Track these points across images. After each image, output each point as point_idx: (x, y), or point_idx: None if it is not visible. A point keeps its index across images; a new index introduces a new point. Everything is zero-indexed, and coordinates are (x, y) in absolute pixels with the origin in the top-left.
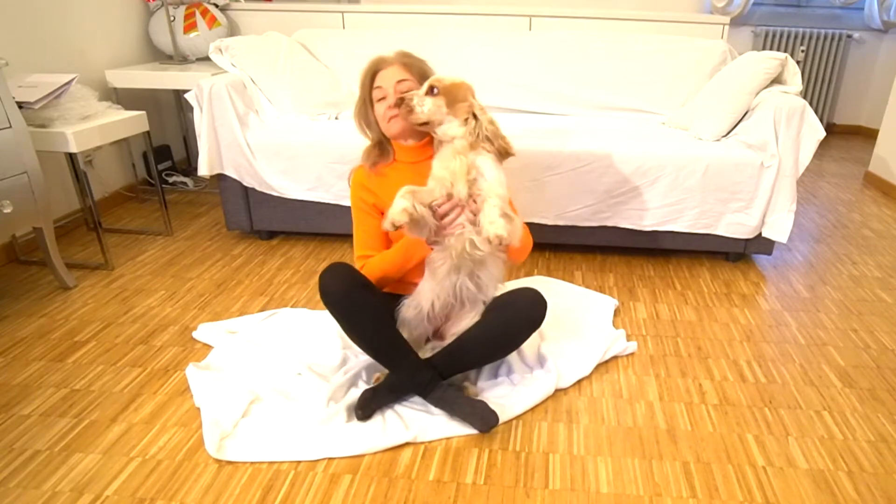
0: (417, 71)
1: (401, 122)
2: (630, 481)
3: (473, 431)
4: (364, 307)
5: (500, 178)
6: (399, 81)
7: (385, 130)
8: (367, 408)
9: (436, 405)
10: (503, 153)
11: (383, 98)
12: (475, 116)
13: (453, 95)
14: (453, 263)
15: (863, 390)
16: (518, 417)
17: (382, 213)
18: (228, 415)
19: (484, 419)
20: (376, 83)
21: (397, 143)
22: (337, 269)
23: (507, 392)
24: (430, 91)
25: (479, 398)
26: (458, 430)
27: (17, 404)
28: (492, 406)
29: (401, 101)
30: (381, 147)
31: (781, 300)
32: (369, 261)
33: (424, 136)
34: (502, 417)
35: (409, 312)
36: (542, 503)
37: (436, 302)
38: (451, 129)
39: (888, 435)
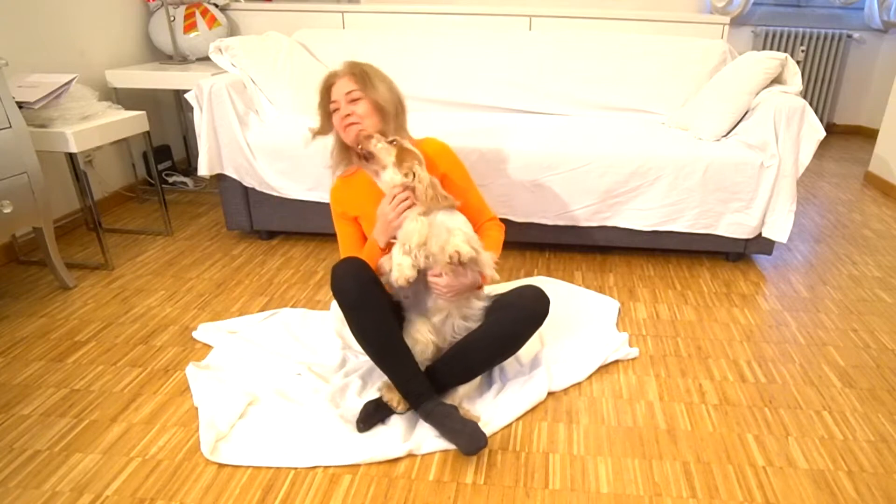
0: (360, 76)
1: (355, 129)
2: (630, 481)
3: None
4: (374, 305)
5: (462, 220)
6: (348, 93)
7: (343, 137)
8: (368, 421)
9: (425, 419)
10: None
11: (337, 109)
12: (414, 174)
13: (403, 155)
14: (447, 309)
15: (863, 390)
16: (517, 418)
17: (355, 219)
18: (225, 416)
19: (472, 441)
20: (332, 97)
21: None
22: (351, 263)
23: (498, 398)
24: (391, 141)
25: (471, 417)
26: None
27: (17, 404)
28: (482, 412)
29: (368, 136)
30: (345, 150)
31: (781, 300)
32: None
33: None
34: (493, 424)
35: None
36: (542, 503)
37: (435, 345)
38: (391, 176)
39: (888, 435)
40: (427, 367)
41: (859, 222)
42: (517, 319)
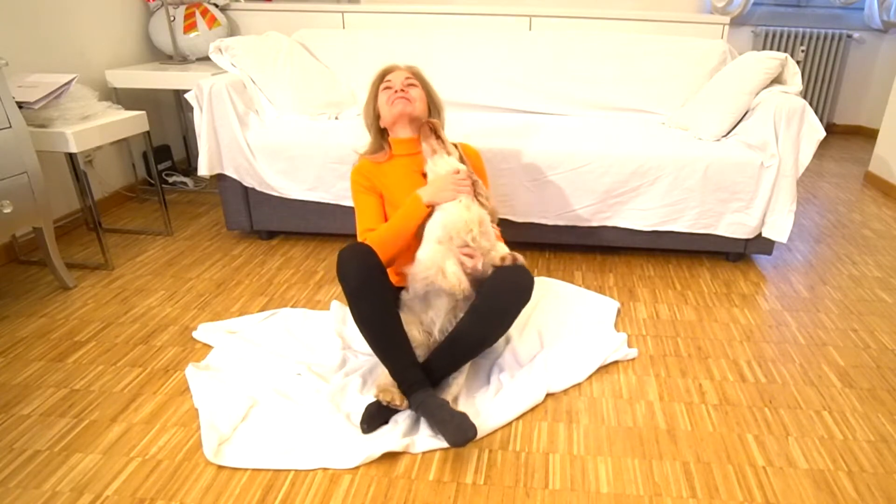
0: (419, 75)
1: (402, 103)
2: (630, 481)
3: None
4: (376, 292)
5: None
6: (406, 78)
7: (386, 115)
8: (372, 421)
9: (416, 409)
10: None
11: (388, 87)
12: (474, 179)
13: (462, 158)
14: (453, 304)
15: (863, 390)
16: (518, 417)
17: (380, 195)
18: (228, 419)
19: (460, 431)
20: (385, 79)
21: (394, 138)
22: (358, 249)
23: (497, 398)
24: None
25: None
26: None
27: (17, 404)
28: (480, 411)
29: (436, 123)
30: (379, 145)
31: (781, 300)
32: (373, 233)
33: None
34: (491, 424)
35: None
36: (542, 503)
37: (425, 343)
38: (454, 162)
39: (888, 435)
40: (423, 361)
41: (859, 222)
42: (504, 293)
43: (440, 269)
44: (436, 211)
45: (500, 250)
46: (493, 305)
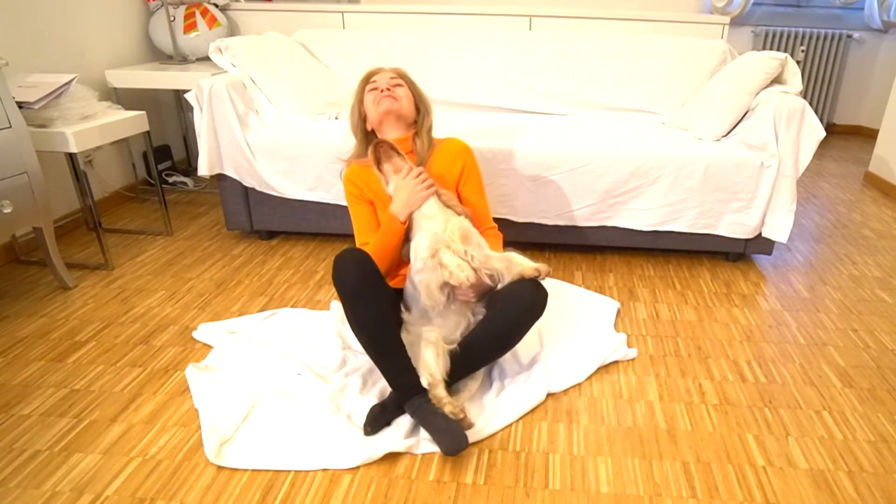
0: (405, 75)
1: (388, 101)
2: (630, 481)
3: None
4: (372, 296)
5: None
6: (392, 78)
7: (372, 116)
8: (375, 424)
9: (412, 414)
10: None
11: (374, 89)
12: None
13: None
14: (466, 316)
15: (863, 390)
16: (517, 419)
17: (371, 202)
18: (229, 419)
19: (454, 440)
20: (371, 81)
21: (382, 140)
22: (354, 254)
23: (498, 399)
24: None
25: (466, 421)
26: None
27: (17, 404)
28: (482, 412)
29: (389, 144)
30: (366, 147)
31: (781, 300)
32: (365, 247)
33: (407, 129)
34: (492, 424)
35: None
36: (542, 503)
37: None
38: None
39: (888, 435)
40: None
41: (859, 222)
42: (517, 310)
43: (438, 262)
44: (414, 235)
45: (529, 263)
46: (507, 318)
